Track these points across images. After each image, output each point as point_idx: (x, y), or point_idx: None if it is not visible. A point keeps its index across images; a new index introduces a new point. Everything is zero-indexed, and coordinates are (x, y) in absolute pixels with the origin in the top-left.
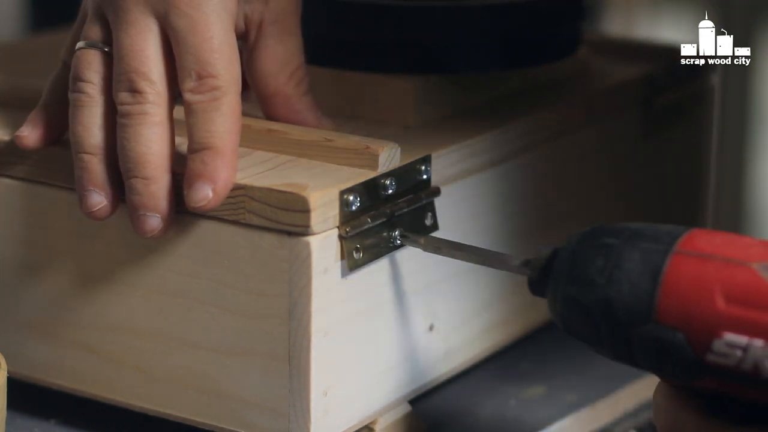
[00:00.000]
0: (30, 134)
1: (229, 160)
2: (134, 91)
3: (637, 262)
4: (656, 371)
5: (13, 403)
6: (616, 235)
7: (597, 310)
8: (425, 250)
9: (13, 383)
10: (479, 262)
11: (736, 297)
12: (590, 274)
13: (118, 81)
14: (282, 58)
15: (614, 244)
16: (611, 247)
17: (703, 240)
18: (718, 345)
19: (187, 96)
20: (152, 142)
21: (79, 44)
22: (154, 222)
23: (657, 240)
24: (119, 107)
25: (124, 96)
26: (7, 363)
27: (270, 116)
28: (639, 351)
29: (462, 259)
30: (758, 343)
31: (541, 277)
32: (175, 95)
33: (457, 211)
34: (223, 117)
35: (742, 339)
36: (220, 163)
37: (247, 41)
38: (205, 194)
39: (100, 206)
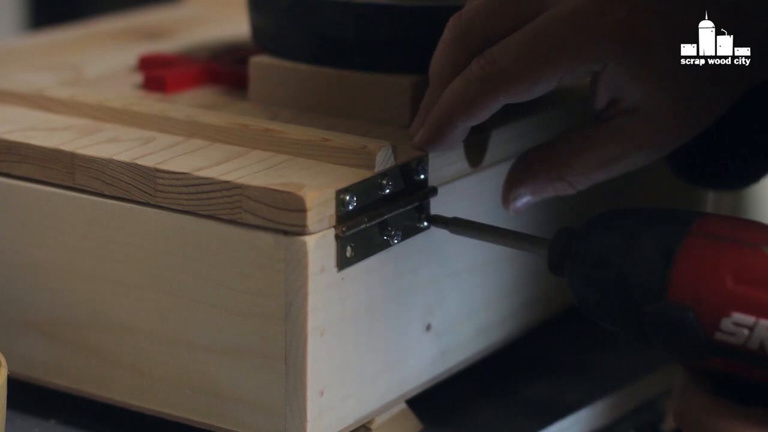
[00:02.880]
0: None
1: None
2: None
3: (652, 242)
4: (667, 350)
5: (13, 403)
6: (633, 217)
7: (612, 288)
8: (452, 231)
9: (13, 383)
10: (502, 243)
11: (745, 277)
12: (606, 254)
13: None
14: None
15: (631, 224)
16: (627, 228)
17: (717, 223)
18: (725, 324)
19: None
20: None
21: None
22: None
23: (672, 221)
24: None
25: None
26: (7, 363)
27: None
28: (651, 329)
29: (486, 240)
30: (765, 322)
31: (559, 258)
32: None
33: (454, 211)
34: None
35: (749, 318)
36: None
37: None
38: None
39: None
